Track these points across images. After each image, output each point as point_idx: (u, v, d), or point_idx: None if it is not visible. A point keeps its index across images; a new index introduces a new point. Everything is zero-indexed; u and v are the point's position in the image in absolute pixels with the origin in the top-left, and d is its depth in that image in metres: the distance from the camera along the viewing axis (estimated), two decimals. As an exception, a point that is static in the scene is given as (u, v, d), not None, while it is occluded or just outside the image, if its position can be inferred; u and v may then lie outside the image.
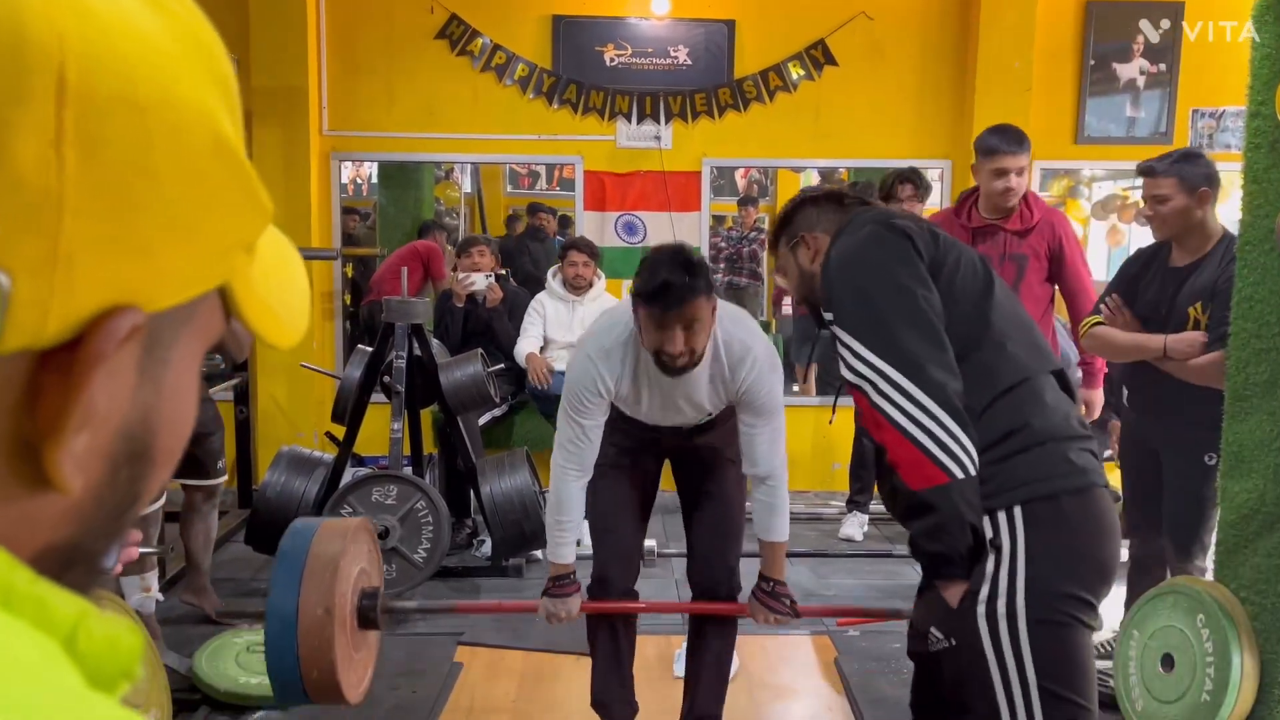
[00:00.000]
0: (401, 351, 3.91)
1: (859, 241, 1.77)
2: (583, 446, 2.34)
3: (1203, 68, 5.11)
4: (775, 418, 2.38)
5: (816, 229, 1.92)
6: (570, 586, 2.43)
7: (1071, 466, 1.68)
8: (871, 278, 1.71)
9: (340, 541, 2.21)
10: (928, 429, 1.57)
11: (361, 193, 7.51)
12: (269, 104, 4.89)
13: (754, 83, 5.08)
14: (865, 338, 1.66)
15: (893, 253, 1.73)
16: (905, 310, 1.65)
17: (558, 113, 5.10)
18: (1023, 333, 1.79)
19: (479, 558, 4.32)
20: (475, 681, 3.11)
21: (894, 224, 1.77)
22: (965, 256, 1.80)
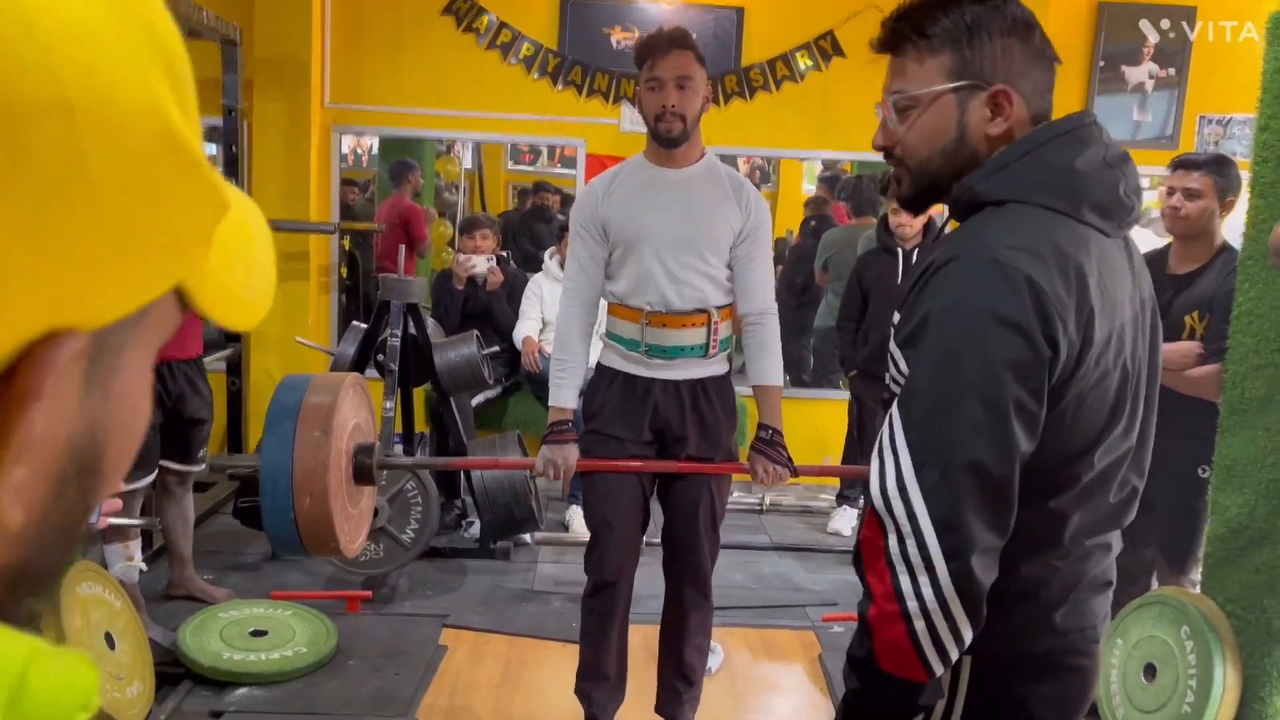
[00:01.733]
0: (396, 330, 3.88)
1: (985, 292, 1.15)
2: (579, 279, 2.47)
3: (1212, 73, 5.08)
4: (768, 250, 2.53)
5: (1019, 85, 1.23)
6: (569, 434, 2.45)
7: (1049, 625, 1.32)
8: (976, 372, 1.14)
9: (334, 393, 2.17)
10: (932, 623, 1.17)
11: (361, 163, 7.46)
12: (271, 74, 4.85)
13: (761, 71, 5.04)
14: (920, 463, 1.15)
15: (1022, 346, 1.13)
16: (988, 461, 1.14)
17: (562, 94, 5.06)
18: (1106, 489, 1.27)
19: (467, 539, 4.32)
20: (459, 665, 3.11)
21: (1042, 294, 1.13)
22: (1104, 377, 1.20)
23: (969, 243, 1.20)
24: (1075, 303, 1.15)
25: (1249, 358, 2.63)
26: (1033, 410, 1.14)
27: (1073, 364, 1.16)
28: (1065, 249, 1.16)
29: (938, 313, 1.18)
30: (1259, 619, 2.58)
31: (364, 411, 2.39)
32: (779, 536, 4.50)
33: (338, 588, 3.67)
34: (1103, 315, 1.17)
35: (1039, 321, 1.12)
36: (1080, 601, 1.31)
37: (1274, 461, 2.55)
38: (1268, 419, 2.57)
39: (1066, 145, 1.22)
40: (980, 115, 1.24)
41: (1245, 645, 2.61)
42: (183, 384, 3.31)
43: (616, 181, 2.47)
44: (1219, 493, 2.73)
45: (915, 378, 1.19)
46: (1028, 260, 1.14)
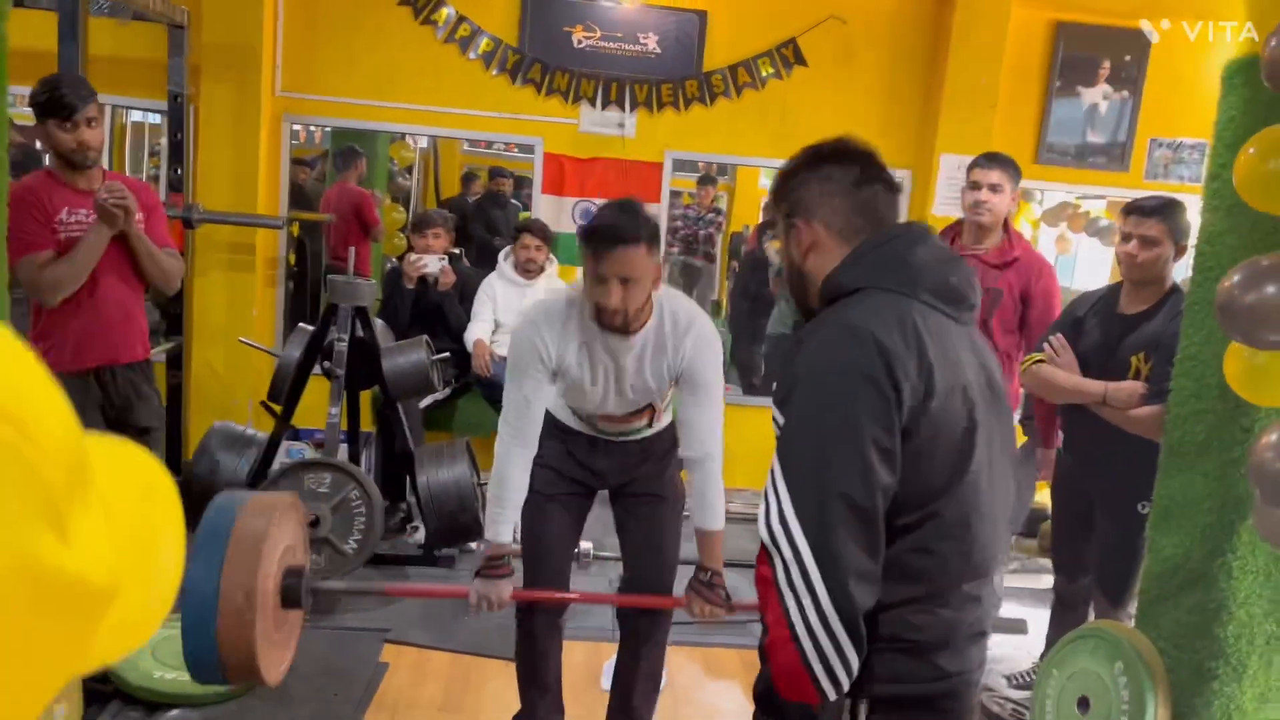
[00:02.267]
0: (344, 334, 3.81)
1: (839, 352, 1.42)
2: (524, 417, 2.34)
3: (1165, 97, 5.16)
4: (714, 397, 2.39)
5: (815, 217, 1.55)
6: (504, 569, 2.40)
7: (936, 670, 1.50)
8: (838, 419, 1.38)
9: (266, 519, 2.13)
10: (820, 646, 1.34)
11: (314, 139, 7.27)
12: (220, 60, 4.71)
13: (722, 77, 5.01)
14: (798, 499, 1.37)
15: (874, 396, 1.38)
16: (854, 494, 1.35)
17: (520, 91, 4.98)
18: (969, 531, 1.48)
19: (411, 544, 4.27)
20: (400, 684, 3.07)
21: (886, 350, 1.39)
22: (949, 420, 1.44)
23: (831, 319, 1.49)
24: (915, 355, 1.41)
25: (1190, 402, 2.67)
26: (888, 447, 1.38)
27: (920, 404, 1.40)
28: (904, 317, 1.45)
29: (804, 373, 1.45)
30: (1191, 659, 2.64)
31: (298, 532, 2.37)
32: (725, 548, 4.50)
33: (277, 596, 3.60)
34: (942, 369, 1.43)
35: (884, 370, 1.39)
36: (959, 649, 1.52)
37: (1210, 506, 2.60)
38: (1206, 464, 2.61)
39: (904, 245, 1.53)
40: (794, 242, 1.59)
41: (1177, 684, 2.66)
42: (127, 390, 3.17)
43: (563, 334, 2.31)
44: (1156, 532, 2.78)
45: (789, 428, 1.44)
46: (874, 323, 1.42)
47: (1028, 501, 4.73)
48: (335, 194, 6.07)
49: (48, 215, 2.90)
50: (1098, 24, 5.08)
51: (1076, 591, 3.29)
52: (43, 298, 2.91)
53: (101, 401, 3.11)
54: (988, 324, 3.32)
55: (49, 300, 2.92)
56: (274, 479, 3.55)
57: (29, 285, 2.89)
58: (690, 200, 7.86)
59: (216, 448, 3.81)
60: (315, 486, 3.55)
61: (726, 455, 5.13)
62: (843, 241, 1.54)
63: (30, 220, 2.86)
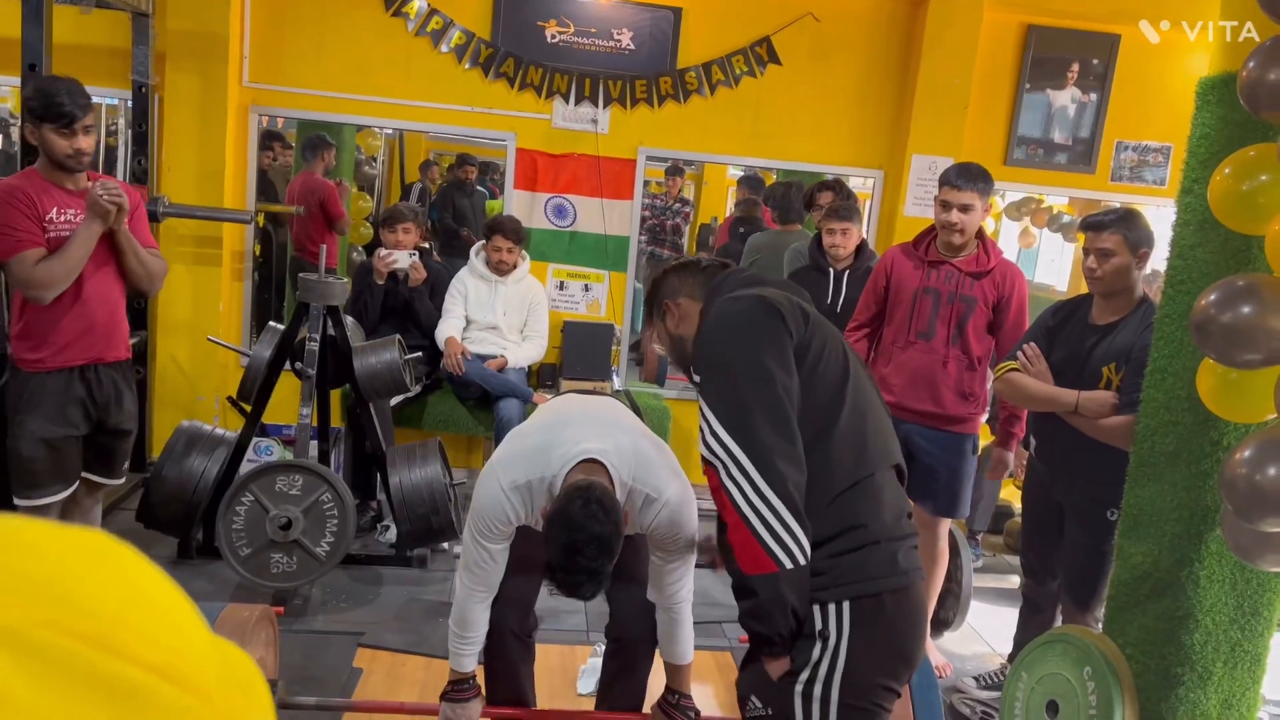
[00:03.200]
0: (315, 334, 3.76)
1: (734, 315, 1.82)
2: (489, 569, 2.26)
3: (1131, 101, 5.22)
4: (686, 554, 2.31)
5: (680, 295, 2.04)
6: (470, 691, 2.37)
7: (896, 567, 1.79)
8: (739, 356, 1.76)
9: (239, 635, 2.15)
10: (765, 519, 1.65)
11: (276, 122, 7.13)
12: (185, 49, 4.61)
13: (696, 74, 4.99)
14: (724, 419, 1.71)
15: (764, 332, 1.77)
16: (764, 398, 1.71)
17: (493, 86, 4.93)
18: (871, 424, 1.86)
19: (382, 544, 4.24)
20: (375, 690, 3.05)
21: (769, 300, 1.81)
22: (831, 341, 1.86)
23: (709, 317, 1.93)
24: (787, 303, 1.83)
25: (1159, 413, 2.72)
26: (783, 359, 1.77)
27: (800, 327, 1.81)
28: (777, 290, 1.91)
29: (705, 340, 1.86)
30: (1158, 665, 2.70)
31: (269, 646, 2.36)
32: (697, 546, 4.52)
33: (247, 597, 3.56)
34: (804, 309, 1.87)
35: (762, 308, 1.81)
36: (906, 549, 1.83)
37: (1179, 516, 2.65)
38: (1175, 474, 2.66)
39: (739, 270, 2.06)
40: (670, 321, 2.08)
41: (1144, 689, 2.72)
42: (110, 390, 3.13)
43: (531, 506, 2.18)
44: (1125, 540, 2.83)
45: (704, 373, 1.83)
46: (744, 294, 1.87)
47: (992, 499, 4.80)
48: (300, 184, 5.97)
49: (38, 214, 2.88)
50: (1068, 27, 5.13)
51: (1044, 595, 3.35)
52: (37, 295, 2.89)
53: (84, 399, 3.06)
54: (963, 330, 3.36)
55: (43, 297, 2.90)
56: (243, 482, 3.50)
57: (24, 282, 2.87)
58: (659, 190, 7.84)
59: (184, 448, 3.75)
60: (287, 489, 3.51)
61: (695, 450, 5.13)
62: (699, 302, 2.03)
63: (22, 218, 2.85)
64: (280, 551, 3.48)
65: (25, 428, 2.99)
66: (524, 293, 4.75)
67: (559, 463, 2.10)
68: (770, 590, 1.67)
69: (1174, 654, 2.66)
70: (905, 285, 3.42)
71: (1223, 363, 2.27)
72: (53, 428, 3.01)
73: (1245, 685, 2.66)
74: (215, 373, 4.86)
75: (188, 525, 3.79)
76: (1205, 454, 2.60)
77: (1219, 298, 2.21)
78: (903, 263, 3.45)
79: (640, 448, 2.22)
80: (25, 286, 2.88)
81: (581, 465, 2.09)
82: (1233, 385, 2.31)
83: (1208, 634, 2.62)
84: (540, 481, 2.13)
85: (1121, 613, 2.83)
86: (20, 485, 3.05)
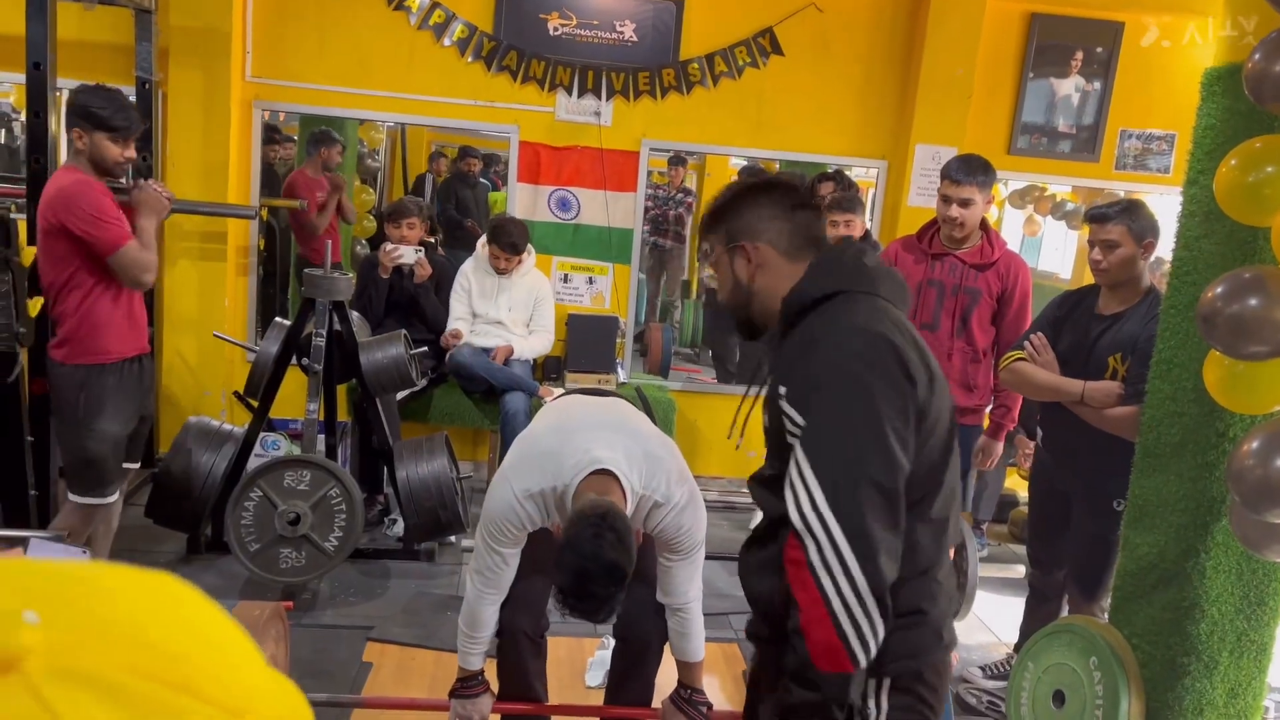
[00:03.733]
0: (321, 329, 3.77)
1: (863, 356, 1.52)
2: (501, 573, 2.28)
3: (1135, 89, 5.21)
4: (694, 554, 2.31)
5: (760, 238, 1.68)
6: (479, 687, 2.37)
7: (940, 640, 1.65)
8: (863, 414, 1.49)
9: (251, 632, 2.16)
10: (854, 616, 1.45)
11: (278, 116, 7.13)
12: (188, 45, 4.61)
13: (699, 66, 4.99)
14: (830, 489, 1.46)
15: (895, 392, 1.51)
16: (884, 478, 1.47)
17: (496, 79, 4.93)
18: (951, 508, 1.66)
19: (390, 537, 4.26)
20: (385, 684, 3.07)
21: (900, 351, 1.53)
22: (943, 403, 1.61)
23: (828, 325, 1.59)
24: (915, 350, 1.57)
25: (1165, 404, 2.73)
26: (905, 435, 1.51)
27: (926, 394, 1.55)
28: (893, 317, 1.60)
29: (824, 373, 1.54)
30: (1164, 655, 2.71)
31: (281, 642, 2.39)
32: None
33: (256, 592, 3.58)
34: (930, 361, 1.60)
35: (899, 367, 1.52)
36: (949, 620, 1.69)
37: (1184, 506, 2.66)
38: (1181, 465, 2.67)
39: (856, 253, 1.68)
40: (740, 264, 1.71)
41: (1149, 679, 2.73)
42: (150, 380, 3.28)
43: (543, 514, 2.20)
44: (1131, 530, 2.84)
45: (815, 425, 1.53)
46: (878, 324, 1.56)
47: (997, 489, 4.81)
48: (303, 179, 5.97)
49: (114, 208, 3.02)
50: (1072, 15, 5.11)
51: (1050, 584, 3.36)
52: (143, 281, 3.03)
53: (138, 390, 3.19)
54: (967, 322, 3.36)
55: (145, 283, 3.04)
56: (252, 477, 3.51)
57: (135, 266, 2.97)
58: (662, 180, 7.83)
59: (192, 444, 3.76)
60: (295, 484, 3.52)
61: (701, 443, 5.14)
62: (789, 259, 1.68)
63: (116, 210, 2.97)
64: (289, 546, 3.50)
65: (97, 427, 3.05)
66: (529, 287, 4.75)
67: (570, 472, 2.09)
68: (838, 690, 1.49)
69: (1180, 644, 2.67)
70: (909, 278, 3.42)
71: (1229, 355, 2.28)
72: (122, 423, 3.11)
73: (1251, 674, 2.67)
74: (222, 368, 4.87)
75: (196, 521, 3.81)
76: (1211, 445, 2.60)
77: (1225, 290, 2.21)
78: (905, 256, 3.46)
79: (650, 451, 2.21)
80: (136, 271, 2.98)
81: (593, 477, 2.07)
82: (1239, 377, 2.32)
83: (1214, 624, 2.63)
84: (553, 491, 2.13)
85: (1127, 603, 2.84)
86: (90, 485, 3.12)
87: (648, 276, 7.36)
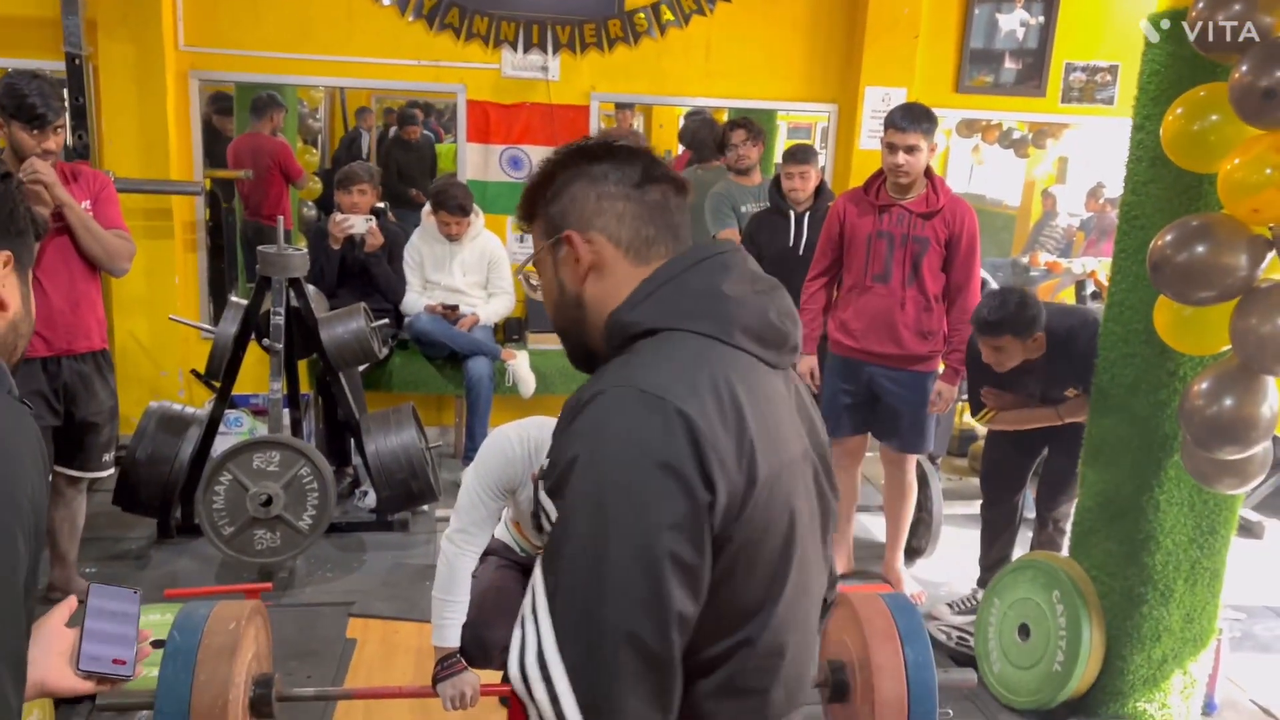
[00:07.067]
0: (279, 307, 3.73)
1: (631, 436, 1.00)
2: (484, 530, 2.29)
3: (1080, 21, 5.24)
4: None
5: (592, 228, 1.16)
6: (458, 664, 2.37)
7: None
8: (628, 532, 0.98)
9: (234, 634, 2.19)
10: None
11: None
12: (116, 14, 4.44)
13: (645, 15, 4.92)
14: (567, 643, 0.97)
15: (672, 499, 0.98)
16: (642, 640, 0.97)
17: (438, 37, 4.82)
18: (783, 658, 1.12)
19: (362, 509, 4.27)
20: (371, 661, 3.10)
21: (697, 435, 1.00)
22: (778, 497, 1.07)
23: (616, 375, 1.06)
24: (734, 436, 1.02)
25: (1118, 346, 2.81)
26: (693, 565, 0.99)
27: (738, 504, 1.02)
28: (717, 376, 1.05)
29: (583, 457, 1.01)
30: (1122, 585, 2.83)
31: (263, 638, 2.38)
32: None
33: (232, 574, 3.59)
34: (766, 449, 1.05)
35: (694, 460, 0.99)
36: None
37: (1139, 444, 2.76)
38: (1134, 404, 2.76)
39: (710, 271, 1.14)
40: (566, 264, 1.18)
41: (1109, 609, 2.86)
42: (73, 381, 3.10)
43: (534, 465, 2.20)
44: (1088, 468, 2.94)
45: (559, 533, 1.02)
46: (678, 389, 1.02)
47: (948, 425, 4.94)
48: (248, 145, 5.83)
49: None
50: (1013, -51, 5.11)
51: (1000, 516, 3.53)
52: None
53: (44, 392, 3.03)
54: (918, 270, 3.42)
55: None
56: (221, 461, 3.49)
57: None
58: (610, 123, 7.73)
59: (155, 430, 3.73)
60: (264, 465, 3.51)
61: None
62: (633, 259, 1.16)
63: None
64: (263, 528, 3.50)
65: None
66: (481, 249, 4.71)
67: None
68: None
69: (1137, 574, 2.79)
70: (859, 231, 3.47)
71: (1179, 301, 2.35)
72: None
73: (1205, 599, 2.81)
74: (177, 346, 4.80)
75: (166, 506, 3.79)
76: (1163, 384, 2.69)
77: (1174, 238, 2.27)
78: (854, 209, 3.50)
79: None
80: None
81: None
82: (1188, 321, 2.39)
83: (1168, 554, 2.75)
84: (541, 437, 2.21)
85: (1086, 538, 2.96)
86: None
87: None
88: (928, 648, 2.36)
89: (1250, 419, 2.25)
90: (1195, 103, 2.34)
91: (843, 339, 3.57)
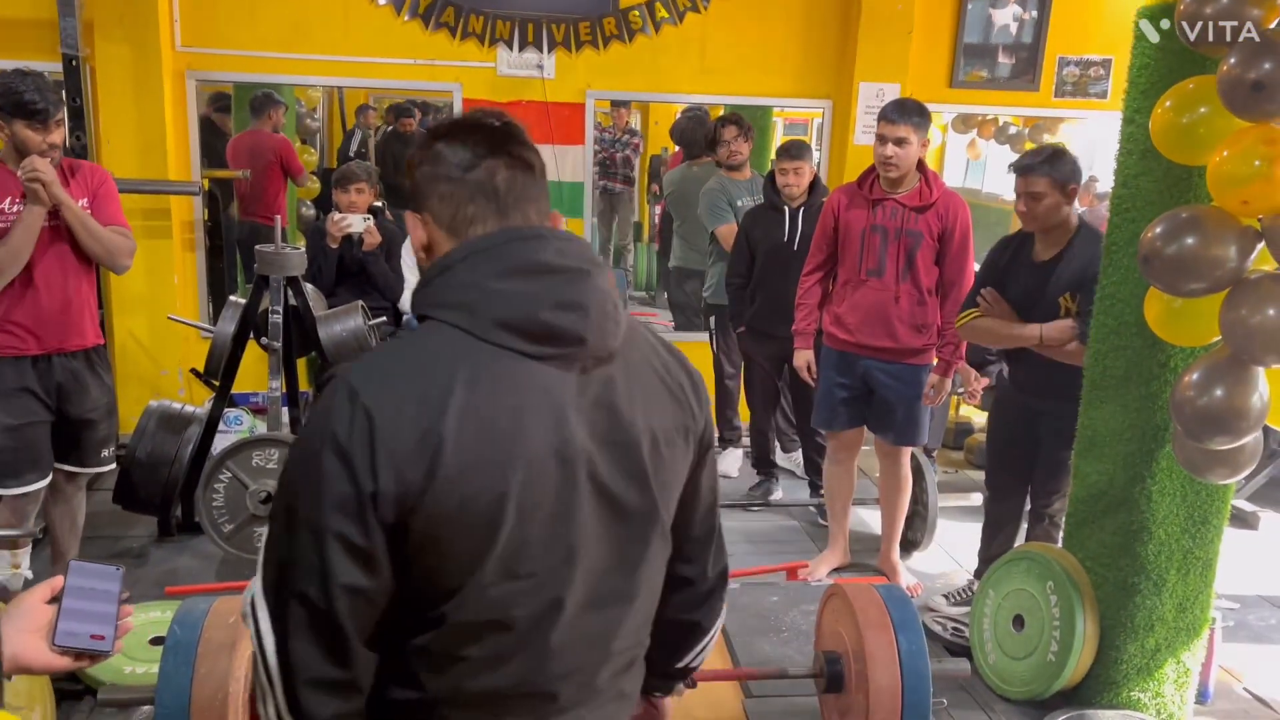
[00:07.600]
0: (277, 306, 3.74)
1: (324, 419, 1.08)
2: None
3: (1072, 16, 5.26)
4: None
5: (425, 207, 1.19)
6: None
7: None
8: (303, 503, 1.09)
9: (234, 629, 2.20)
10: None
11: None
12: (113, 15, 4.46)
13: (640, 13, 4.94)
14: (268, 592, 1.12)
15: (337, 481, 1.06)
16: (310, 599, 1.09)
17: (434, 36, 4.85)
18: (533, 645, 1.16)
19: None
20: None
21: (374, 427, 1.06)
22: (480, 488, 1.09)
23: (353, 363, 1.17)
24: (421, 433, 1.06)
25: (1109, 338, 2.83)
26: (360, 545, 1.07)
27: (412, 498, 1.06)
28: (446, 373, 1.08)
29: (299, 432, 1.20)
30: (1115, 576, 2.85)
31: None
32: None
33: (232, 571, 3.61)
34: (468, 446, 1.07)
35: (366, 453, 1.05)
36: None
37: (1131, 435, 2.78)
38: (1126, 396, 2.79)
39: (482, 262, 1.12)
40: (415, 240, 1.22)
41: (1103, 599, 2.88)
42: (65, 379, 3.10)
43: None
44: (1081, 460, 2.96)
45: (273, 500, 1.20)
46: (374, 385, 1.08)
47: (943, 417, 4.96)
48: (247, 143, 5.84)
49: None
50: (1007, -56, 5.13)
51: (1006, 511, 3.51)
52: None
53: (36, 390, 3.04)
54: (912, 264, 3.45)
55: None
56: (220, 459, 3.51)
57: None
58: (607, 120, 7.76)
59: (155, 429, 3.75)
60: (264, 463, 3.53)
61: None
62: (454, 239, 1.17)
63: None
64: (263, 525, 3.52)
65: None
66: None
67: None
68: None
69: (1130, 564, 2.81)
70: (853, 225, 3.49)
71: (1169, 292, 2.37)
72: (7, 417, 3.00)
73: (1198, 589, 2.83)
74: (177, 345, 4.82)
75: (166, 504, 3.81)
76: (1154, 376, 2.72)
77: (1164, 230, 2.30)
78: (848, 203, 3.52)
79: None
80: None
81: None
82: (1178, 313, 2.41)
83: (1161, 544, 2.78)
84: None
85: (1080, 529, 2.98)
86: None
87: (599, 222, 7.34)
88: (922, 637, 2.38)
89: (1241, 409, 2.27)
90: (1184, 96, 2.36)
91: (837, 333, 3.59)
